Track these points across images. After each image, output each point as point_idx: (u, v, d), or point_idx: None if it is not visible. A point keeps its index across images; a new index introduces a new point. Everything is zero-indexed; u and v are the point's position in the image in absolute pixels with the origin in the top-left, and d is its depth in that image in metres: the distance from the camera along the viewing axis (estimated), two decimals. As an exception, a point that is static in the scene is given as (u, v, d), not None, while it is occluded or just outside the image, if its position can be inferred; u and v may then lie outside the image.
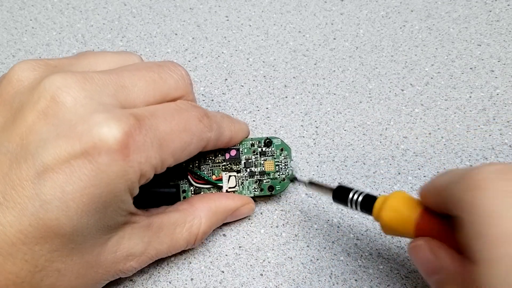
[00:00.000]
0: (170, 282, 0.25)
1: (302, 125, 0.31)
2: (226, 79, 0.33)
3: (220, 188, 0.26)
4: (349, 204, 0.23)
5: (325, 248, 0.26)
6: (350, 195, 0.22)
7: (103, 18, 0.37)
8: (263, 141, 0.26)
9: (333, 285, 0.25)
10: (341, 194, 0.23)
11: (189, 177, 0.26)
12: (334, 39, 0.36)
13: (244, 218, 0.27)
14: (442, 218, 0.20)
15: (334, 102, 0.32)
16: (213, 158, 0.26)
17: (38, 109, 0.19)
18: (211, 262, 0.25)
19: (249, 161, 0.26)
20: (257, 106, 0.32)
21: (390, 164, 0.29)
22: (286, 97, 0.32)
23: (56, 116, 0.19)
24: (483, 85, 0.33)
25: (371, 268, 0.25)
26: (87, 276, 0.20)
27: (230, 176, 0.26)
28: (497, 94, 0.32)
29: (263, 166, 0.26)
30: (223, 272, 0.25)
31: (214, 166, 0.26)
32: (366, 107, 0.32)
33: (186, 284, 0.25)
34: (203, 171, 0.26)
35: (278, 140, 0.27)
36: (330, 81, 0.33)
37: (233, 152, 0.26)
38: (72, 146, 0.18)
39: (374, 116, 0.31)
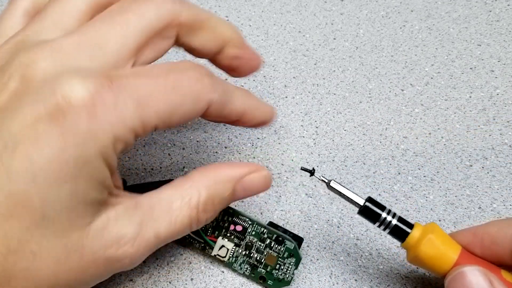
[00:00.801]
0: (170, 282, 0.25)
1: (302, 125, 0.31)
2: (226, 79, 0.33)
3: (211, 248, 0.24)
4: (377, 223, 0.21)
5: (325, 248, 0.26)
6: (383, 215, 0.21)
7: (103, 18, 0.37)
8: (274, 236, 0.24)
9: (333, 285, 0.25)
10: (372, 209, 0.21)
11: None
12: (334, 39, 0.36)
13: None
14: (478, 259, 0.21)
15: (334, 102, 0.32)
16: (219, 218, 0.24)
17: (10, 89, 0.18)
18: (211, 262, 0.25)
19: (253, 244, 0.24)
20: (257, 106, 0.32)
21: (390, 164, 0.29)
22: (286, 97, 0.32)
23: (26, 91, 0.18)
24: (483, 85, 0.33)
25: (371, 268, 0.25)
26: (70, 262, 0.18)
27: (223, 246, 0.24)
28: (497, 94, 0.32)
29: (265, 256, 0.24)
30: (223, 272, 0.25)
31: (218, 227, 0.24)
32: (366, 107, 0.32)
33: (186, 284, 0.25)
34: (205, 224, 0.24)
35: (292, 244, 0.23)
36: (330, 81, 0.33)
37: (238, 228, 0.24)
38: (37, 110, 0.17)
39: (374, 116, 0.31)
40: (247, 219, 0.24)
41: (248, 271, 0.24)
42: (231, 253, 0.24)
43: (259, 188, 0.22)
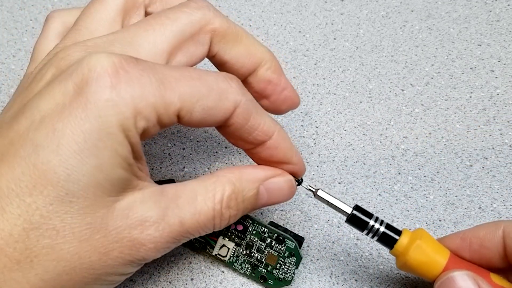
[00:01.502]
0: (170, 282, 0.25)
1: (302, 125, 0.31)
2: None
3: (211, 247, 0.24)
4: (366, 231, 0.21)
5: (325, 248, 0.26)
6: (371, 223, 0.21)
7: (103, 18, 0.37)
8: (275, 235, 0.24)
9: (333, 285, 0.25)
10: (360, 217, 0.21)
11: None
12: (334, 39, 0.36)
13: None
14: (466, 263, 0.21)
15: (334, 102, 0.32)
16: None
17: (46, 79, 0.19)
18: (211, 262, 0.25)
19: (253, 243, 0.24)
20: (257, 106, 0.32)
21: (390, 164, 0.29)
22: (286, 97, 0.32)
23: (59, 76, 0.19)
24: (483, 85, 0.33)
25: (371, 268, 0.25)
26: (94, 241, 0.18)
27: (224, 245, 0.24)
28: (497, 94, 0.32)
29: (265, 256, 0.24)
30: (223, 272, 0.25)
31: None
32: (366, 107, 0.32)
33: (186, 284, 0.25)
34: None
35: (293, 243, 0.24)
36: (330, 81, 0.33)
37: (239, 227, 0.24)
38: (64, 85, 0.17)
39: (374, 116, 0.31)
40: (247, 218, 0.24)
41: (248, 270, 0.24)
42: (232, 253, 0.24)
43: (283, 193, 0.22)
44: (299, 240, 0.25)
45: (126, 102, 0.17)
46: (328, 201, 0.22)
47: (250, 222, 0.24)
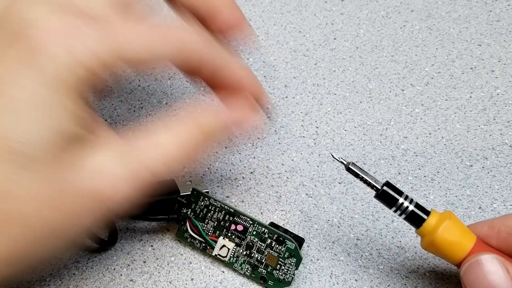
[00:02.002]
0: (170, 282, 0.25)
1: (302, 125, 0.31)
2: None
3: (212, 247, 0.24)
4: (394, 208, 0.21)
5: (325, 248, 0.26)
6: (400, 201, 0.21)
7: (103, 18, 0.37)
8: (275, 236, 0.24)
9: (333, 285, 0.25)
10: (390, 194, 0.21)
11: (187, 223, 0.25)
12: (335, 39, 0.36)
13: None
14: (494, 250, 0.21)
15: (334, 102, 0.32)
16: (221, 218, 0.24)
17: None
18: (211, 262, 0.25)
19: (253, 243, 0.24)
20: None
21: (390, 164, 0.29)
22: (287, 97, 0.32)
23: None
24: (484, 85, 0.33)
25: (371, 268, 0.25)
26: (60, 203, 0.17)
27: (224, 245, 0.24)
28: (498, 94, 0.32)
29: (265, 256, 0.24)
30: (223, 272, 0.25)
31: (219, 227, 0.24)
32: (366, 107, 0.32)
33: (186, 284, 0.25)
34: (206, 224, 0.24)
35: (293, 244, 0.23)
36: (330, 81, 0.33)
37: (239, 227, 0.24)
38: (3, 39, 0.17)
39: (374, 116, 0.31)
40: (248, 219, 0.24)
41: (248, 271, 0.24)
42: (232, 253, 0.24)
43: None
44: (300, 241, 0.25)
45: (75, 59, 0.17)
46: (359, 175, 0.22)
47: (251, 222, 0.24)
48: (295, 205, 0.28)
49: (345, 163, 0.22)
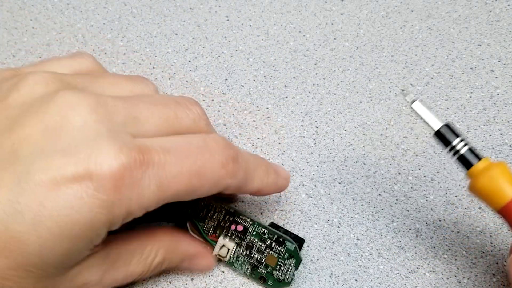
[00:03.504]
0: (170, 282, 0.25)
1: (302, 125, 0.31)
2: (226, 79, 0.33)
3: (212, 247, 0.24)
4: (448, 149, 0.22)
5: (325, 248, 0.26)
6: (455, 142, 0.22)
7: (103, 18, 0.37)
8: (275, 236, 0.24)
9: (333, 285, 0.25)
10: (445, 135, 0.22)
11: (188, 224, 0.24)
12: (335, 39, 0.36)
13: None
14: None
15: (335, 102, 0.32)
16: (221, 218, 0.24)
17: (42, 121, 0.18)
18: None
19: (253, 244, 0.24)
20: (257, 106, 0.32)
21: (390, 164, 0.29)
22: (287, 97, 0.32)
23: (59, 133, 0.18)
24: (484, 85, 0.33)
25: (371, 268, 0.25)
26: None
27: (224, 245, 0.24)
28: (498, 94, 0.32)
29: (265, 257, 0.24)
30: (223, 272, 0.25)
31: (219, 226, 0.24)
32: (366, 107, 0.32)
33: (186, 284, 0.25)
34: (206, 224, 0.24)
35: (293, 245, 0.23)
36: (331, 81, 0.33)
37: (239, 228, 0.24)
38: (66, 164, 0.17)
39: (374, 116, 0.31)
40: (248, 219, 0.24)
41: (248, 271, 0.24)
42: (232, 253, 0.24)
43: (197, 270, 0.25)
44: (300, 242, 0.25)
45: (121, 204, 0.18)
46: (420, 115, 0.23)
47: (251, 223, 0.24)
48: (295, 205, 0.28)
49: (408, 101, 0.23)
